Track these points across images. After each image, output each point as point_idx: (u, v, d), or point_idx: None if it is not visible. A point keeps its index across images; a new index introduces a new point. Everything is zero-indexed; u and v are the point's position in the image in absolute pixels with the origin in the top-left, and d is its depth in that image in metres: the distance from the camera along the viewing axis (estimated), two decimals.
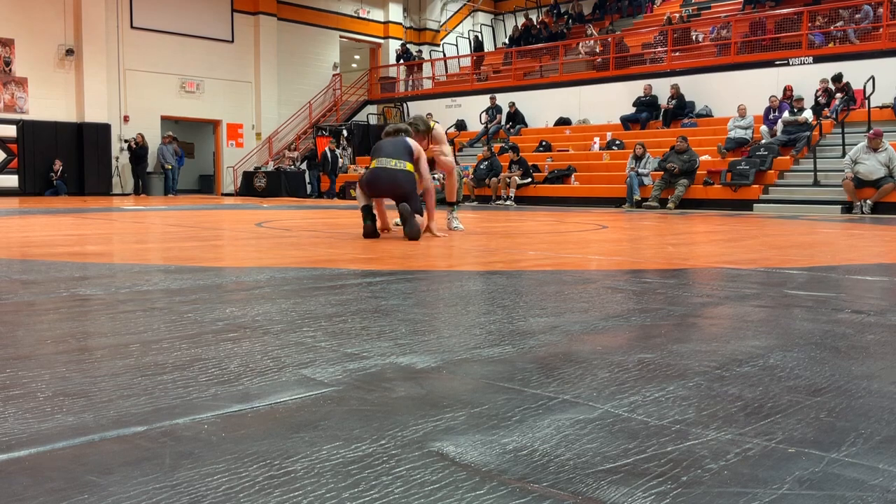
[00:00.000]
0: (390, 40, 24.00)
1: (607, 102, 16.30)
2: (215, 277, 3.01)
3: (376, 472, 0.99)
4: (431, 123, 6.16)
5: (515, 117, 17.39)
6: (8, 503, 0.89)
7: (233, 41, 20.47)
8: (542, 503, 0.91)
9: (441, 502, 0.90)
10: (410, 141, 5.40)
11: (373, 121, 21.39)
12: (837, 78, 13.13)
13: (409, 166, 5.23)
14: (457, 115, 18.91)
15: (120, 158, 18.50)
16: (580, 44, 18.50)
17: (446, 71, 22.23)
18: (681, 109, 15.15)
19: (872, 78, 12.20)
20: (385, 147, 5.35)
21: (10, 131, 16.76)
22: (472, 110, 18.50)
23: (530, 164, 14.48)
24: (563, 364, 1.59)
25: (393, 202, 5.35)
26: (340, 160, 18.73)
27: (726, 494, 0.93)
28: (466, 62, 21.86)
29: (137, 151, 18.05)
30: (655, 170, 12.79)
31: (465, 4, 26.09)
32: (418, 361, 1.59)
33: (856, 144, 10.99)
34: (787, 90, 13.51)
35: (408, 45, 23.29)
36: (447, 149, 5.99)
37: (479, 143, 17.28)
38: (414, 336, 1.86)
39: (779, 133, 12.68)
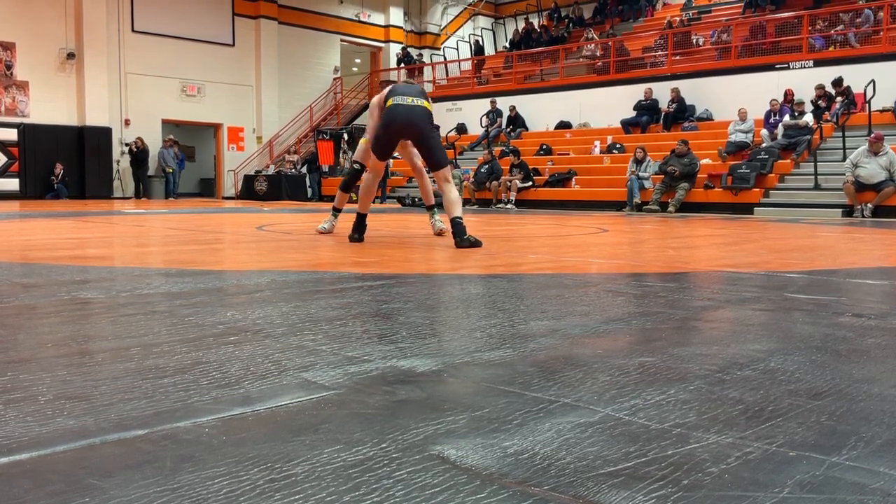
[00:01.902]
0: (391, 44, 24.03)
1: (608, 106, 16.32)
2: (216, 281, 3.01)
3: (377, 475, 0.99)
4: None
5: (516, 121, 17.40)
6: None
7: (234, 45, 20.51)
8: None
9: None
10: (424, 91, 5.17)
11: None
12: (838, 82, 13.14)
13: (426, 104, 4.98)
14: (457, 119, 18.93)
15: (121, 162, 18.52)
16: (581, 47, 18.52)
17: (447, 74, 22.26)
18: (681, 113, 15.16)
19: (873, 81, 12.22)
20: (400, 88, 5.11)
21: (11, 135, 16.79)
22: (473, 114, 18.52)
23: (531, 167, 14.49)
24: (563, 367, 1.59)
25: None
26: (342, 161, 18.73)
27: (727, 498, 0.93)
28: (467, 66, 21.89)
29: (138, 155, 18.08)
30: (656, 173, 12.79)
31: (465, 8, 26.14)
32: (419, 365, 1.59)
33: (856, 148, 11.00)
34: (788, 94, 13.52)
35: (408, 49, 23.33)
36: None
37: (479, 146, 17.28)
38: (415, 339, 1.86)
39: (779, 137, 12.69)
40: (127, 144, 18.32)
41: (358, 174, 5.78)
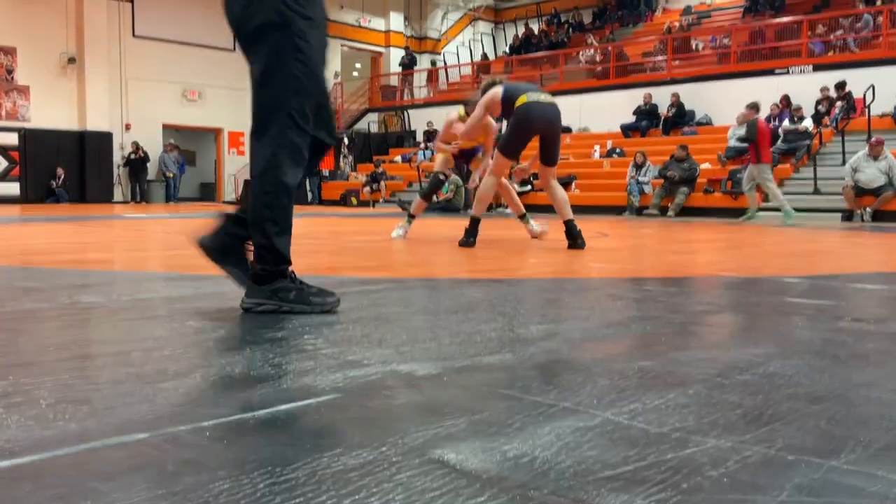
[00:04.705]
0: (391, 49, 24.06)
1: (607, 111, 16.34)
2: (216, 285, 3.02)
3: (377, 479, 0.99)
4: (460, 112, 5.85)
5: None
6: None
7: (234, 49, 20.51)
8: None
9: None
10: None
11: (374, 129, 21.41)
12: (840, 85, 13.16)
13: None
14: None
15: (121, 166, 18.54)
16: (580, 52, 18.56)
17: (447, 79, 22.28)
18: (681, 118, 15.19)
19: (872, 86, 12.23)
20: (523, 86, 5.05)
21: (12, 139, 16.81)
22: None
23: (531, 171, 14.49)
24: (563, 371, 1.60)
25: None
26: (343, 165, 18.74)
27: (726, 502, 0.93)
28: (467, 70, 21.92)
29: (136, 161, 18.10)
30: (656, 178, 12.81)
31: (465, 13, 26.18)
32: (419, 369, 1.60)
33: (856, 153, 11.01)
34: (787, 99, 13.54)
35: (412, 53, 23.36)
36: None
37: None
38: (415, 343, 1.86)
39: (779, 142, 12.70)
40: (124, 158, 18.30)
41: (441, 184, 5.94)
